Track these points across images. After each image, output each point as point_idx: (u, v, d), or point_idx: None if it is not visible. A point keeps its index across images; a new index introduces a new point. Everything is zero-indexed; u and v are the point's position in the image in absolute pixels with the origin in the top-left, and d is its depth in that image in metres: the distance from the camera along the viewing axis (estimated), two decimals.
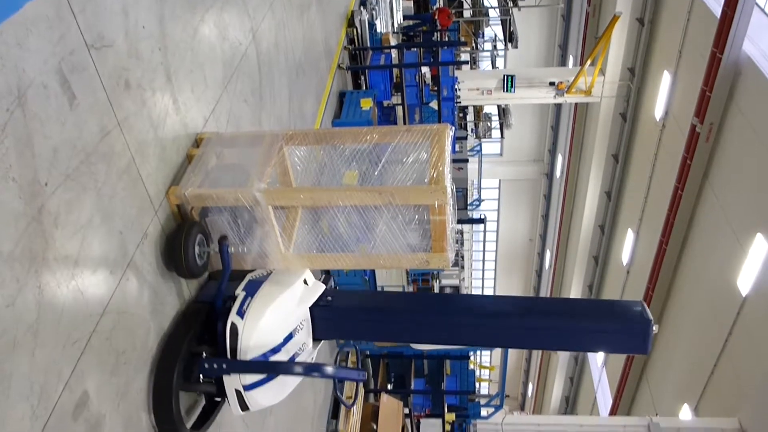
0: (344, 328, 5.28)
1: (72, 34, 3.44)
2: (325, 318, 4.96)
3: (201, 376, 4.51)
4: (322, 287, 5.05)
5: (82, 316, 3.50)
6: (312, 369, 4.65)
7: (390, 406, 12.01)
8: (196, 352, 4.53)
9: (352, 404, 5.27)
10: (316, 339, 4.99)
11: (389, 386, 15.42)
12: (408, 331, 5.21)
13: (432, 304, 5.38)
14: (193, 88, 5.10)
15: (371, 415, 11.91)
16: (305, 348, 4.80)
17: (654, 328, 4.46)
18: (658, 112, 17.93)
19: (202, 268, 4.75)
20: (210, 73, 5.47)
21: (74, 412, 3.42)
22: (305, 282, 4.94)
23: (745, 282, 12.66)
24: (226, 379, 4.53)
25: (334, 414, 10.38)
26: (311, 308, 4.89)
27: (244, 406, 4.60)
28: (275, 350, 4.59)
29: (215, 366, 4.48)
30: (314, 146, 5.05)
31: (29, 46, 3.10)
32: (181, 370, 4.38)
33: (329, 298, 4.96)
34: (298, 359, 4.71)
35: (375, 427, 11.64)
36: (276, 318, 4.59)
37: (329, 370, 4.60)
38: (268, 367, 4.55)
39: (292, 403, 8.27)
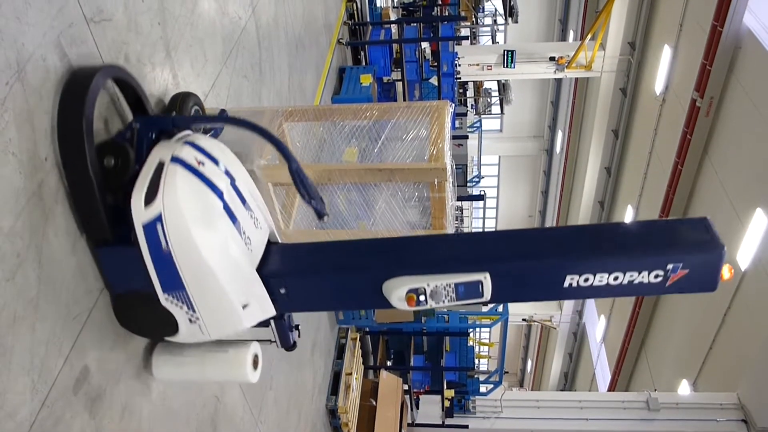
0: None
1: (70, 8, 3.41)
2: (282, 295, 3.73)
3: (129, 135, 3.64)
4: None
5: (82, 291, 3.51)
6: (275, 141, 3.57)
7: (389, 382, 12.07)
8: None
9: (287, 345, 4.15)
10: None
11: (388, 363, 15.49)
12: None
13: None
14: (193, 63, 5.07)
15: (370, 392, 11.97)
16: (252, 247, 3.73)
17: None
18: (659, 86, 17.86)
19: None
20: (209, 48, 5.44)
21: (74, 387, 3.43)
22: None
23: (744, 257, 12.68)
24: (156, 150, 3.59)
25: (334, 390, 10.44)
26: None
27: (150, 195, 3.37)
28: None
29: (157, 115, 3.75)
30: (314, 122, 5.04)
31: (28, 20, 3.07)
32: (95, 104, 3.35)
33: (282, 290, 3.73)
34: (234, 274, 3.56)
35: (374, 403, 11.70)
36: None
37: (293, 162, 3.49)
38: (214, 118, 3.83)
39: (292, 380, 8.33)
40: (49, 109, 3.22)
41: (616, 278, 3.37)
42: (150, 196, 3.37)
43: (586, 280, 3.41)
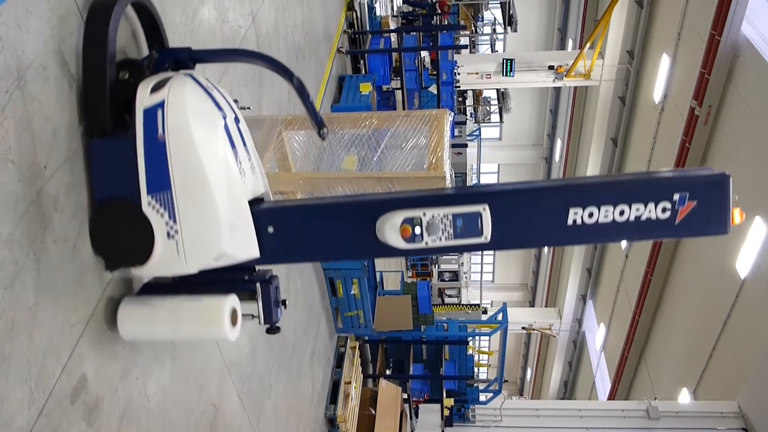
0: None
1: (72, 16, 3.41)
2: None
3: (147, 63, 3.78)
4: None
5: (80, 299, 3.50)
6: (279, 66, 3.94)
7: (388, 391, 12.04)
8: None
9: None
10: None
11: (388, 371, 15.46)
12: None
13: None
14: None
15: (370, 401, 11.94)
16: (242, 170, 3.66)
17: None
18: (657, 95, 17.91)
19: None
20: None
21: (72, 395, 3.42)
22: None
23: (743, 265, 12.68)
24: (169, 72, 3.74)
25: (333, 399, 10.42)
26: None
27: (157, 87, 3.44)
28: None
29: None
30: (314, 131, 5.04)
31: (29, 28, 3.08)
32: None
33: (271, 229, 3.62)
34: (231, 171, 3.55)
35: (373, 412, 11.67)
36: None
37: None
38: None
39: (291, 388, 8.31)
40: (49, 116, 3.22)
41: (621, 213, 3.24)
42: (157, 88, 3.41)
43: (591, 215, 3.25)
